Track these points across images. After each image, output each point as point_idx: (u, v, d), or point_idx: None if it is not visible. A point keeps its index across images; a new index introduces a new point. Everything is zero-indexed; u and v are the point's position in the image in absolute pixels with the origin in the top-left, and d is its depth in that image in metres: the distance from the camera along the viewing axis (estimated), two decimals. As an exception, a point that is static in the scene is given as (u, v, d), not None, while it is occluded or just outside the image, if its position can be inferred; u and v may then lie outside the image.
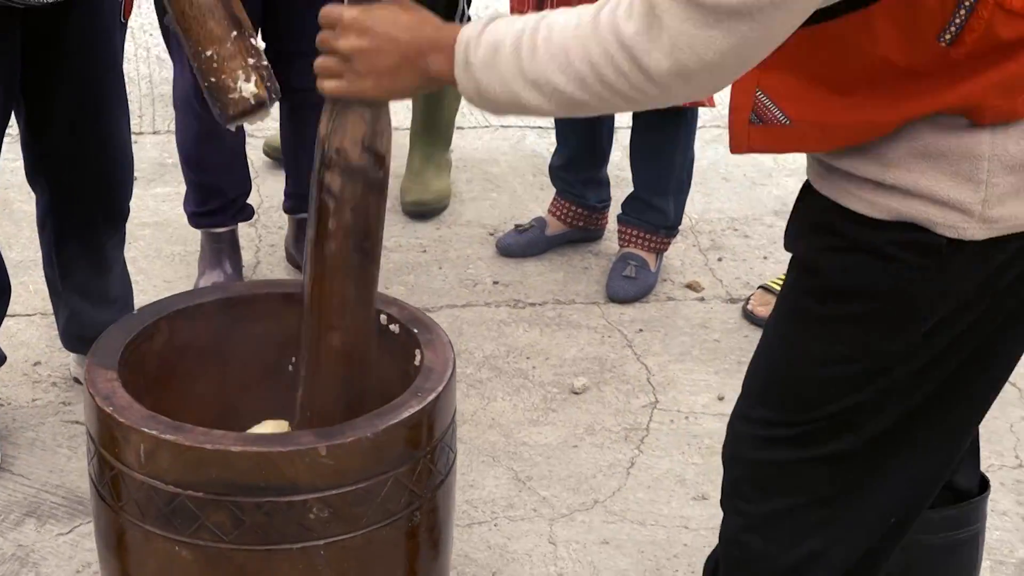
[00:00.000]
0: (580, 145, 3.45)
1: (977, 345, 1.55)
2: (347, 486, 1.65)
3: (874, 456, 1.60)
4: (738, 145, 1.59)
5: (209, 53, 1.83)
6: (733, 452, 1.74)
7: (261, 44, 1.83)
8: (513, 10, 3.18)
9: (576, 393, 3.00)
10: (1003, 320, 1.54)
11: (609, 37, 1.38)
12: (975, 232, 1.46)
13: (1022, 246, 1.49)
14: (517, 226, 3.57)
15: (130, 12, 2.57)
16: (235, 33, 1.84)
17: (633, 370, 3.10)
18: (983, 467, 1.96)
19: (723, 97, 4.13)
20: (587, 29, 1.40)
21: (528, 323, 3.28)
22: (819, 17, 1.40)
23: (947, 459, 1.65)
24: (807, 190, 1.61)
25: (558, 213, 3.52)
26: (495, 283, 3.45)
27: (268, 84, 1.88)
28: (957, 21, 1.39)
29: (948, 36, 1.40)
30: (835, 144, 1.52)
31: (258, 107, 1.87)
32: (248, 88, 1.84)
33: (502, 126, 4.35)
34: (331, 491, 1.64)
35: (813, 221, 1.59)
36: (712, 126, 4.19)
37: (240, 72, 1.84)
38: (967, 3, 1.38)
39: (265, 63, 1.88)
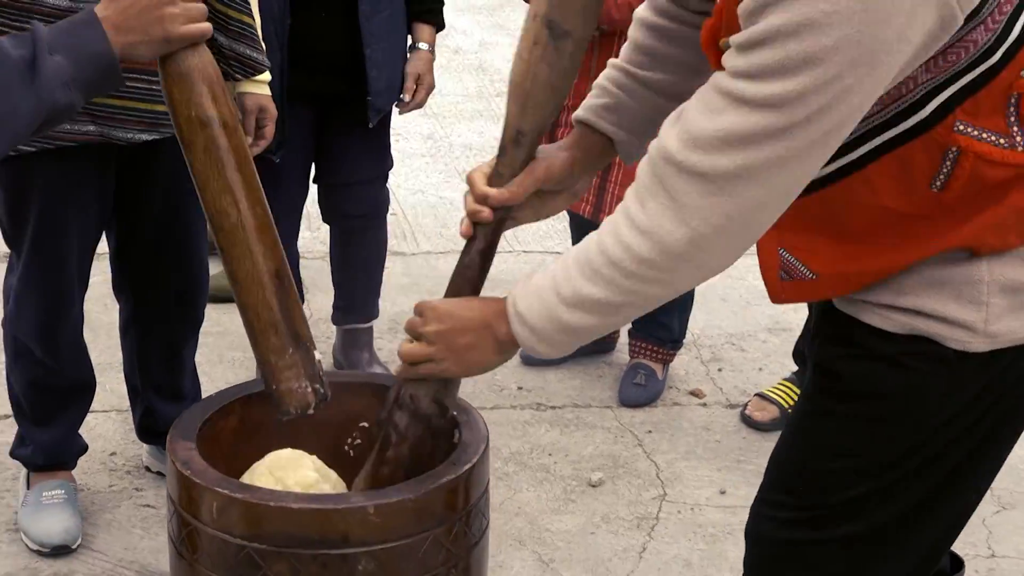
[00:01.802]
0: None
1: (981, 438, 1.61)
2: (392, 542, 1.75)
3: (883, 539, 1.65)
4: (776, 298, 1.65)
5: (271, 360, 1.91)
6: (753, 531, 1.78)
7: (319, 355, 1.98)
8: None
9: (593, 486, 3.14)
10: (1003, 415, 1.61)
11: (625, 231, 1.45)
12: (979, 345, 1.54)
13: (1019, 354, 1.57)
14: (540, 338, 3.79)
15: None
16: (292, 349, 1.91)
17: (644, 466, 3.24)
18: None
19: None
20: (607, 233, 1.49)
21: (549, 424, 3.42)
22: (818, 185, 1.49)
23: (946, 541, 1.71)
24: (826, 310, 1.67)
25: (576, 328, 3.75)
26: (519, 388, 3.61)
27: (318, 390, 1.95)
28: (944, 170, 1.46)
29: (939, 183, 1.47)
30: (858, 287, 1.58)
31: (305, 413, 1.99)
32: (297, 398, 1.93)
33: (524, 251, 4.49)
34: (378, 546, 1.74)
35: (832, 333, 1.65)
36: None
37: (294, 382, 1.92)
38: (951, 156, 1.45)
39: (319, 371, 1.95)
